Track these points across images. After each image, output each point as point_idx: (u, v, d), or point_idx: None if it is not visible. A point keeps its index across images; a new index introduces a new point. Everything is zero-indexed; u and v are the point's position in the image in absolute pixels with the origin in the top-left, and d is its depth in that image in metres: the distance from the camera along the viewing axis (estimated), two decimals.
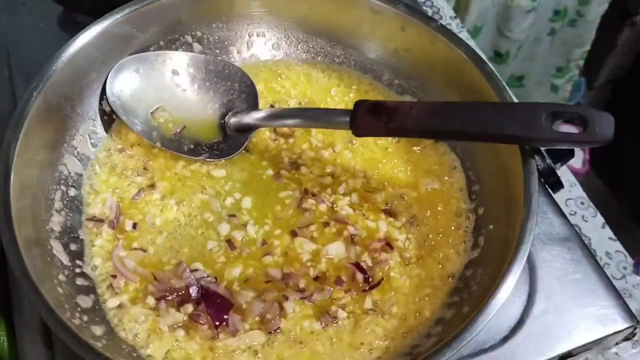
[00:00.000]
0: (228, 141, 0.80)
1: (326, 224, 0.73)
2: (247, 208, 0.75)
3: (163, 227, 0.73)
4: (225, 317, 0.65)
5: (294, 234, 0.72)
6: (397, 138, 0.81)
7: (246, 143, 0.79)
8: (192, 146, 0.79)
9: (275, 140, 0.81)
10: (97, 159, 0.77)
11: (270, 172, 0.78)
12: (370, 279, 0.69)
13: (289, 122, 0.78)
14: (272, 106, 0.84)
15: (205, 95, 0.82)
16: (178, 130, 0.79)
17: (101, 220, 0.73)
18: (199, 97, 0.81)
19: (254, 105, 0.81)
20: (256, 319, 0.66)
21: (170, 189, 0.76)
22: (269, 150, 0.80)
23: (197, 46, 0.85)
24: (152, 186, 0.76)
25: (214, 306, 0.66)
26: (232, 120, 0.80)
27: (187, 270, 0.68)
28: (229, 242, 0.72)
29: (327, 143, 0.81)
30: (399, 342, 0.66)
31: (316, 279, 0.69)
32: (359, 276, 0.69)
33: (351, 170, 0.78)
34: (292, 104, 0.85)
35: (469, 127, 0.65)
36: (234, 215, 0.74)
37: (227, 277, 0.69)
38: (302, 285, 0.68)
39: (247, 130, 0.80)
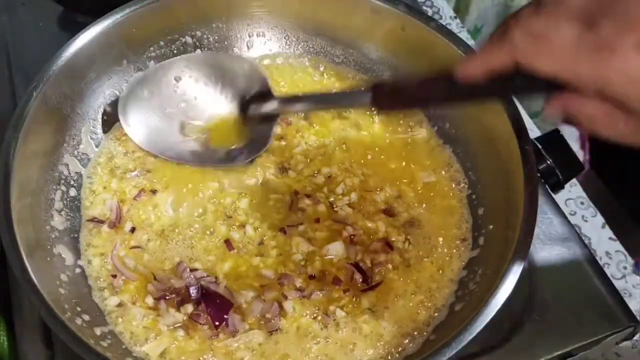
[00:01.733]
0: (252, 137, 0.78)
1: (317, 220, 0.73)
2: (244, 209, 0.75)
3: (162, 228, 0.73)
4: (225, 317, 0.65)
5: (283, 232, 0.72)
6: (392, 139, 0.81)
7: (272, 135, 0.76)
8: (222, 154, 0.77)
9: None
10: (98, 159, 0.77)
11: (260, 175, 0.78)
12: (369, 280, 0.69)
13: (309, 106, 0.75)
14: None
15: (220, 94, 0.80)
16: (204, 138, 0.77)
17: (101, 221, 0.73)
18: (213, 96, 0.80)
19: (268, 94, 0.77)
20: (255, 318, 0.66)
21: (169, 190, 0.76)
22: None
23: (197, 48, 0.85)
24: (152, 187, 0.76)
25: (214, 306, 0.66)
26: (252, 110, 0.77)
27: (187, 270, 0.68)
28: (227, 242, 0.72)
29: (320, 144, 0.81)
30: (395, 342, 0.66)
31: (312, 277, 0.69)
32: (358, 276, 0.69)
33: (349, 170, 0.78)
34: None
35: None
36: (230, 217, 0.74)
37: (224, 276, 0.69)
38: (298, 284, 0.68)
39: (269, 120, 0.76)
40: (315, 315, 0.67)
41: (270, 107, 0.75)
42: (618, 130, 0.47)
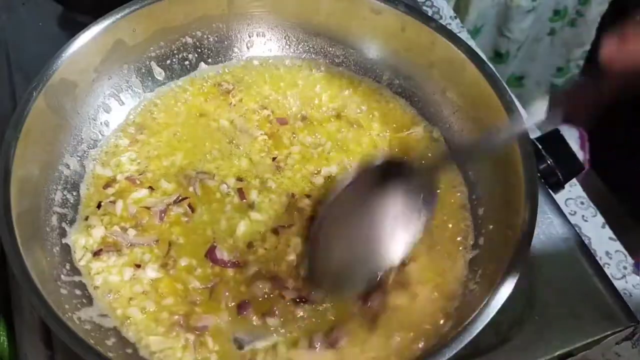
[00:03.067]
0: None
1: (311, 218, 0.73)
2: None
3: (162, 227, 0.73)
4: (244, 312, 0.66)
5: (275, 232, 0.72)
6: (391, 138, 0.81)
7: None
8: None
9: (263, 145, 0.80)
10: (98, 158, 0.77)
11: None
12: None
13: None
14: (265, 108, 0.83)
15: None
16: None
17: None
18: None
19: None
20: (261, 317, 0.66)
21: (170, 188, 0.76)
22: (256, 152, 0.80)
23: (197, 48, 0.85)
24: (152, 188, 0.76)
25: None
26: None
27: None
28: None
29: (317, 143, 0.80)
30: (395, 342, 0.66)
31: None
32: None
33: (348, 170, 0.78)
34: (291, 103, 0.84)
35: None
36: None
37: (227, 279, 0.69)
38: (291, 286, 0.68)
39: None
40: (316, 315, 0.67)
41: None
42: None
